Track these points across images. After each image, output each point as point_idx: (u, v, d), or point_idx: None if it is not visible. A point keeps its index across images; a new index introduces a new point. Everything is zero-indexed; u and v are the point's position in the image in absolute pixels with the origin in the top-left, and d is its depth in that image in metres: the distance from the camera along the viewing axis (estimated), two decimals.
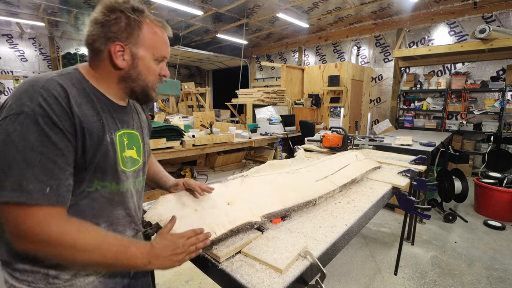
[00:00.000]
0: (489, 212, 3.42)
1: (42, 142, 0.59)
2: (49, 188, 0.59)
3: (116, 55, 0.72)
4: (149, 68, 0.77)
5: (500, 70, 5.23)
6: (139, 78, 0.77)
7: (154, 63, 0.78)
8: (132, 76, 0.76)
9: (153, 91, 0.82)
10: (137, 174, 0.85)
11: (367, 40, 7.03)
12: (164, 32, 0.79)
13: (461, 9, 5.45)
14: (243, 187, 1.07)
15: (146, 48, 0.75)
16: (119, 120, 0.79)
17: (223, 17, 6.83)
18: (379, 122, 6.71)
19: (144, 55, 0.75)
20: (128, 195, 0.81)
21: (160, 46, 0.77)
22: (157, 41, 0.76)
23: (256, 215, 0.93)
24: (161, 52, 0.78)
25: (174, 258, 0.71)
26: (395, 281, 2.22)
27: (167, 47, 0.80)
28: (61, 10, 6.30)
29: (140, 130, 0.88)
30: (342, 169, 1.50)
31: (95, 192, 0.72)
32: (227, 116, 7.78)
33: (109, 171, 0.73)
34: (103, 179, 0.73)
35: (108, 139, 0.72)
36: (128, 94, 0.81)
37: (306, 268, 0.75)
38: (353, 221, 1.04)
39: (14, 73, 7.45)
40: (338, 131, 2.30)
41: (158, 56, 0.78)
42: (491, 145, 5.02)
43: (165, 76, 0.82)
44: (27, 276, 0.69)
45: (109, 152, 0.72)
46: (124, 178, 0.78)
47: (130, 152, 0.81)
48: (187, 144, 3.41)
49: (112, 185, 0.75)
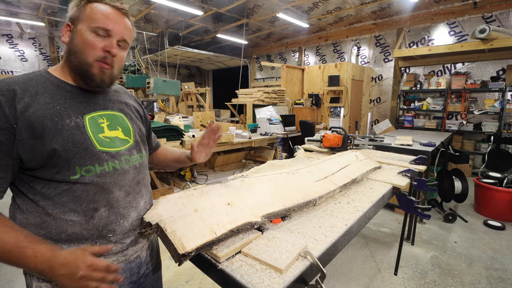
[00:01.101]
0: (489, 212, 3.42)
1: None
2: None
3: (63, 33, 0.78)
4: (85, 40, 0.75)
5: (500, 70, 5.23)
6: (77, 51, 0.76)
7: (92, 35, 0.75)
8: (71, 49, 0.77)
9: (94, 68, 0.77)
10: (130, 152, 0.86)
11: (367, 40, 7.03)
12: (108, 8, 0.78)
13: (461, 9, 5.45)
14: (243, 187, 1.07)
15: (84, 21, 0.76)
16: (89, 104, 0.81)
17: (223, 17, 6.83)
18: (379, 122, 6.71)
19: (81, 27, 0.76)
20: (120, 172, 0.81)
21: (97, 17, 0.76)
22: (95, 13, 0.76)
23: (256, 215, 0.93)
24: (97, 22, 0.75)
25: (65, 281, 0.63)
26: (395, 281, 2.22)
27: (109, 20, 0.77)
28: (61, 10, 6.30)
29: (124, 112, 0.90)
30: (342, 169, 1.50)
31: (82, 178, 0.74)
32: (227, 116, 7.78)
33: (84, 154, 0.74)
34: (83, 163, 0.74)
35: (72, 123, 0.74)
36: (72, 72, 0.79)
37: (306, 268, 0.75)
38: (353, 221, 1.04)
39: (14, 73, 7.45)
40: (338, 131, 2.30)
41: (95, 27, 0.75)
42: (491, 145, 5.02)
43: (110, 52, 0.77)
44: None
45: (75, 135, 0.74)
46: (108, 157, 0.79)
47: (115, 132, 0.83)
48: (187, 144, 3.41)
49: (95, 167, 0.76)
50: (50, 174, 0.72)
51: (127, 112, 0.92)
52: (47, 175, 0.72)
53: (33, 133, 0.69)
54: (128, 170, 0.84)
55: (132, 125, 0.90)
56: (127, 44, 0.84)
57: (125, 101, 0.94)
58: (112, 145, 0.81)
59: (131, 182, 0.85)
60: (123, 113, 0.89)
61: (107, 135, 0.80)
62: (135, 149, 0.89)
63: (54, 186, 0.73)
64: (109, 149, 0.80)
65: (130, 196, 0.84)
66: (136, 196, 0.86)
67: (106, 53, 0.77)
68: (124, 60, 0.87)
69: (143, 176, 0.91)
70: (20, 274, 2.23)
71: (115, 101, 0.89)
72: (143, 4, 5.97)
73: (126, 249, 0.84)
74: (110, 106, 0.86)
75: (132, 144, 0.88)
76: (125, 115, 0.90)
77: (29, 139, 0.68)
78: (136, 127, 0.92)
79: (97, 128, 0.79)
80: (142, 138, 0.95)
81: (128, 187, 0.83)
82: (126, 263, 0.85)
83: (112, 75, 0.81)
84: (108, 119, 0.83)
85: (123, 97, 0.95)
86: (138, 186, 0.88)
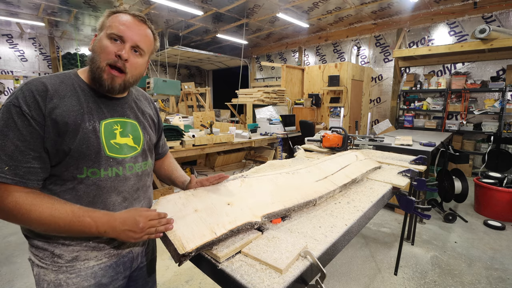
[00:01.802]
0: (489, 212, 3.42)
1: (8, 127, 0.70)
2: (7, 167, 0.69)
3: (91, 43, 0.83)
4: (101, 45, 0.80)
5: (500, 70, 5.23)
6: (95, 57, 0.80)
7: (108, 41, 0.80)
8: (91, 56, 0.81)
9: (105, 73, 0.79)
10: (135, 160, 0.89)
11: (367, 40, 7.03)
12: (127, 16, 0.83)
13: (461, 9, 5.45)
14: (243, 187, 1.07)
15: (104, 30, 0.81)
16: (107, 110, 0.85)
17: (223, 17, 6.83)
18: (379, 122, 6.71)
19: (101, 35, 0.81)
20: (121, 179, 0.85)
21: (113, 24, 0.80)
22: (113, 22, 0.81)
23: (256, 215, 0.93)
24: (113, 29, 0.79)
25: (130, 234, 0.74)
26: (395, 281, 2.22)
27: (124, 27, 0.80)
28: (61, 10, 6.30)
29: (139, 120, 0.94)
30: (342, 169, 1.50)
31: (87, 179, 0.79)
32: (227, 116, 7.78)
33: (94, 157, 0.79)
34: (91, 165, 0.79)
35: (90, 127, 0.79)
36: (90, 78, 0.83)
37: (306, 268, 0.75)
38: (353, 221, 1.04)
39: (14, 73, 7.45)
40: (338, 131, 2.30)
41: (109, 33, 0.79)
42: (491, 145, 5.02)
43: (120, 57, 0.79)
44: (39, 252, 0.80)
45: (90, 139, 0.78)
46: (114, 163, 0.83)
47: (125, 140, 0.87)
48: (187, 144, 3.41)
49: (101, 171, 0.80)
50: (60, 171, 0.77)
51: (142, 121, 0.95)
52: (57, 171, 0.77)
53: (58, 131, 0.74)
54: (130, 177, 0.87)
55: (143, 134, 0.94)
56: (142, 50, 0.84)
57: (143, 109, 0.98)
58: (120, 152, 0.85)
59: (130, 189, 0.88)
60: (138, 121, 0.93)
61: (118, 142, 0.85)
62: (141, 156, 0.92)
63: (60, 184, 0.78)
64: (116, 155, 0.84)
65: (127, 202, 0.88)
66: (133, 202, 0.89)
67: (117, 58, 0.79)
68: (142, 68, 0.88)
69: (143, 183, 0.94)
70: (20, 274, 2.23)
71: (133, 109, 0.94)
72: (143, 4, 5.97)
73: (118, 245, 0.88)
74: (127, 113, 0.91)
75: (139, 152, 0.91)
76: (139, 123, 0.94)
77: (54, 137, 0.74)
78: (147, 136, 0.96)
79: (110, 134, 0.83)
80: (150, 147, 0.99)
81: (126, 193, 0.87)
82: (119, 257, 0.89)
83: (124, 82, 0.83)
84: (122, 126, 0.87)
85: (143, 105, 1.00)
86: (136, 192, 0.91)
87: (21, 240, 2.76)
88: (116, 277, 0.88)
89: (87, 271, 0.82)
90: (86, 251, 0.81)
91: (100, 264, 0.84)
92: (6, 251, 2.58)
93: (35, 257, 0.81)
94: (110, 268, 0.86)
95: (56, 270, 0.79)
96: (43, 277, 0.80)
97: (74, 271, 0.80)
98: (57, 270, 0.80)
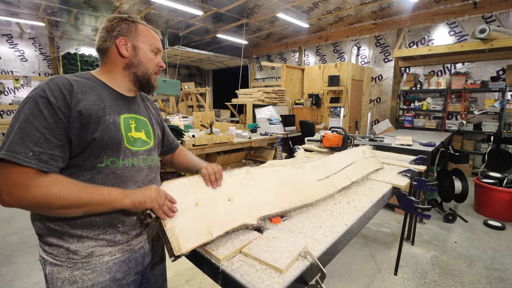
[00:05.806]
0: (489, 212, 3.42)
1: (35, 116, 0.74)
2: (32, 153, 0.72)
3: (121, 47, 0.91)
4: (147, 56, 0.95)
5: (500, 70, 5.23)
6: (140, 64, 0.94)
7: (152, 54, 0.96)
8: (134, 63, 0.93)
9: (153, 79, 0.99)
10: (148, 153, 0.98)
11: (367, 40, 7.03)
12: (153, 31, 0.99)
13: (461, 9, 5.45)
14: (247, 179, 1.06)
15: (143, 41, 0.94)
16: (124, 106, 0.93)
17: (223, 17, 6.83)
18: (379, 122, 6.71)
19: (143, 46, 0.94)
20: (136, 169, 0.92)
21: (154, 40, 0.97)
22: (151, 37, 0.97)
23: (253, 217, 0.94)
24: (156, 44, 0.97)
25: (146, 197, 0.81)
26: (395, 281, 2.22)
27: (160, 43, 0.99)
28: (61, 10, 6.29)
29: (148, 117, 1.03)
30: (346, 167, 1.49)
31: (106, 169, 0.85)
32: (227, 116, 7.78)
33: (115, 147, 0.86)
34: (111, 155, 0.85)
35: (110, 119, 0.86)
36: (132, 81, 0.95)
37: (306, 268, 0.75)
38: (353, 221, 1.04)
39: (14, 73, 7.45)
40: (338, 131, 2.30)
41: (154, 48, 0.97)
42: (491, 145, 5.02)
43: (162, 67, 1.00)
44: (53, 250, 0.82)
45: (111, 130, 0.85)
46: (130, 154, 0.90)
47: (139, 134, 0.96)
48: (187, 144, 3.41)
49: (119, 160, 0.87)
50: (81, 161, 0.82)
51: (151, 118, 1.05)
52: (78, 161, 0.82)
53: (82, 123, 0.80)
54: (144, 168, 0.95)
55: (153, 130, 1.03)
56: None
57: (150, 108, 1.09)
58: (134, 144, 0.92)
59: (144, 179, 0.95)
60: (147, 118, 1.02)
61: (133, 135, 0.93)
62: (154, 151, 1.02)
63: (78, 175, 0.82)
64: (132, 147, 0.91)
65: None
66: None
67: (159, 68, 0.99)
68: None
69: (155, 176, 1.01)
70: (20, 274, 2.23)
71: (143, 107, 1.03)
72: (143, 4, 5.97)
73: (131, 240, 0.92)
74: (139, 111, 1.00)
75: (152, 146, 1.00)
76: (149, 120, 1.03)
77: (79, 128, 0.79)
78: (156, 132, 1.05)
79: (128, 128, 0.91)
80: (159, 143, 1.09)
81: (141, 183, 0.93)
82: (131, 253, 0.92)
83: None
84: (136, 122, 0.95)
85: (149, 104, 1.10)
86: (150, 183, 0.96)
87: (21, 240, 2.76)
88: (129, 272, 0.91)
89: (102, 266, 0.85)
90: (100, 247, 0.85)
91: (114, 260, 0.87)
92: (6, 251, 2.58)
93: (48, 255, 0.83)
94: (124, 263, 0.89)
95: (71, 267, 0.82)
96: (57, 275, 0.82)
97: (89, 267, 0.83)
98: (72, 266, 0.82)
